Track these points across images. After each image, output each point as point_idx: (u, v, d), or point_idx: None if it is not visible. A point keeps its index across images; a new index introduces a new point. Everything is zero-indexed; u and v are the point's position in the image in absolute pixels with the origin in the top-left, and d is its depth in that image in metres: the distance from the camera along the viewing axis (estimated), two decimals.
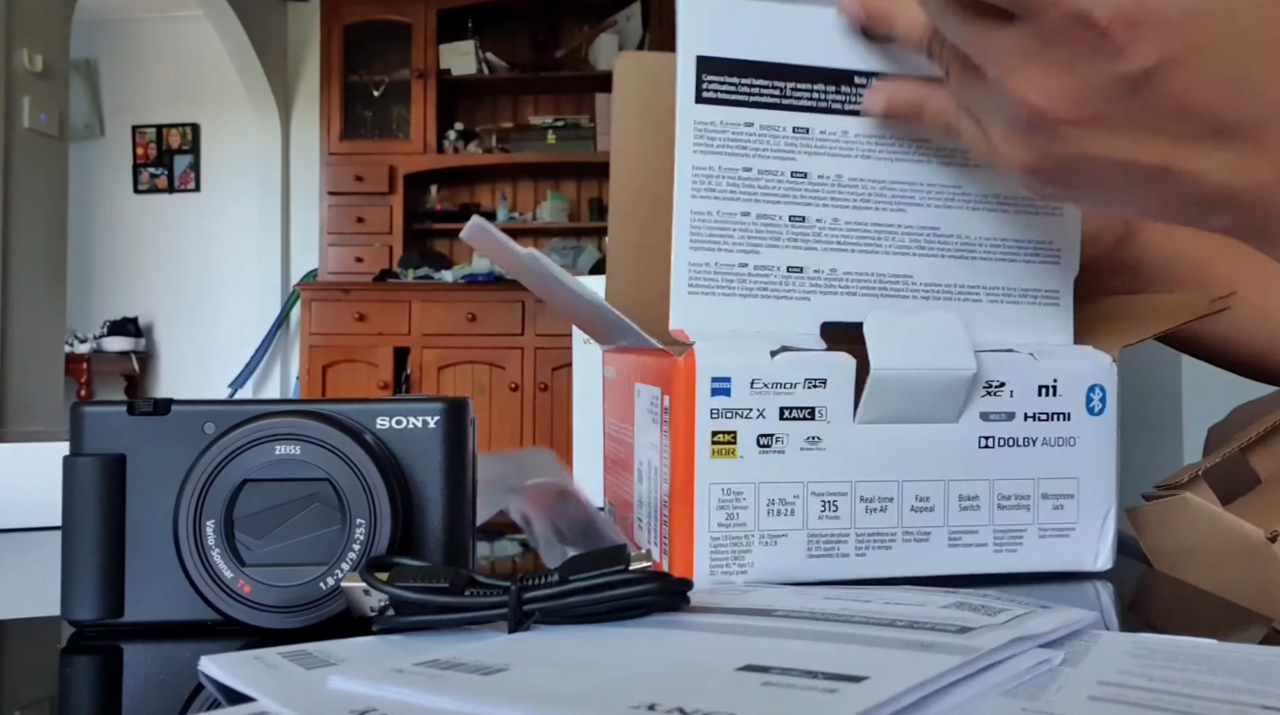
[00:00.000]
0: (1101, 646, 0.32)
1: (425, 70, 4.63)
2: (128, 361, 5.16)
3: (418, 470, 0.38)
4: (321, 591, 0.36)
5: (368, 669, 0.28)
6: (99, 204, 5.33)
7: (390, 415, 0.38)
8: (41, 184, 3.37)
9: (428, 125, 4.63)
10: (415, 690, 0.26)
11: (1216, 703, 0.26)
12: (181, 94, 5.32)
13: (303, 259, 5.04)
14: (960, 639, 0.29)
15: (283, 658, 0.31)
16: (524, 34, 4.76)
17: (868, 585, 0.41)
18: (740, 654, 0.28)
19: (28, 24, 3.30)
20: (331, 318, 4.39)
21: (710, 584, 0.42)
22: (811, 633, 0.31)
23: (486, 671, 0.27)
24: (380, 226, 4.66)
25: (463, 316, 4.30)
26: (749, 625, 0.33)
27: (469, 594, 0.33)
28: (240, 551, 0.36)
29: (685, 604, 0.35)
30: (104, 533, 0.37)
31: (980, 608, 0.34)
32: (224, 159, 5.29)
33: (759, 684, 0.25)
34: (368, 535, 0.36)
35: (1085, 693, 0.27)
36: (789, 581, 0.42)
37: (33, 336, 3.33)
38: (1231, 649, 0.32)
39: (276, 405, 0.38)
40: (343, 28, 4.70)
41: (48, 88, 3.39)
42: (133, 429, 0.37)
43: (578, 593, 0.33)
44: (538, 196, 4.83)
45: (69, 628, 0.38)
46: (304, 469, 0.36)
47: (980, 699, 0.27)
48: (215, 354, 5.15)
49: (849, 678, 0.25)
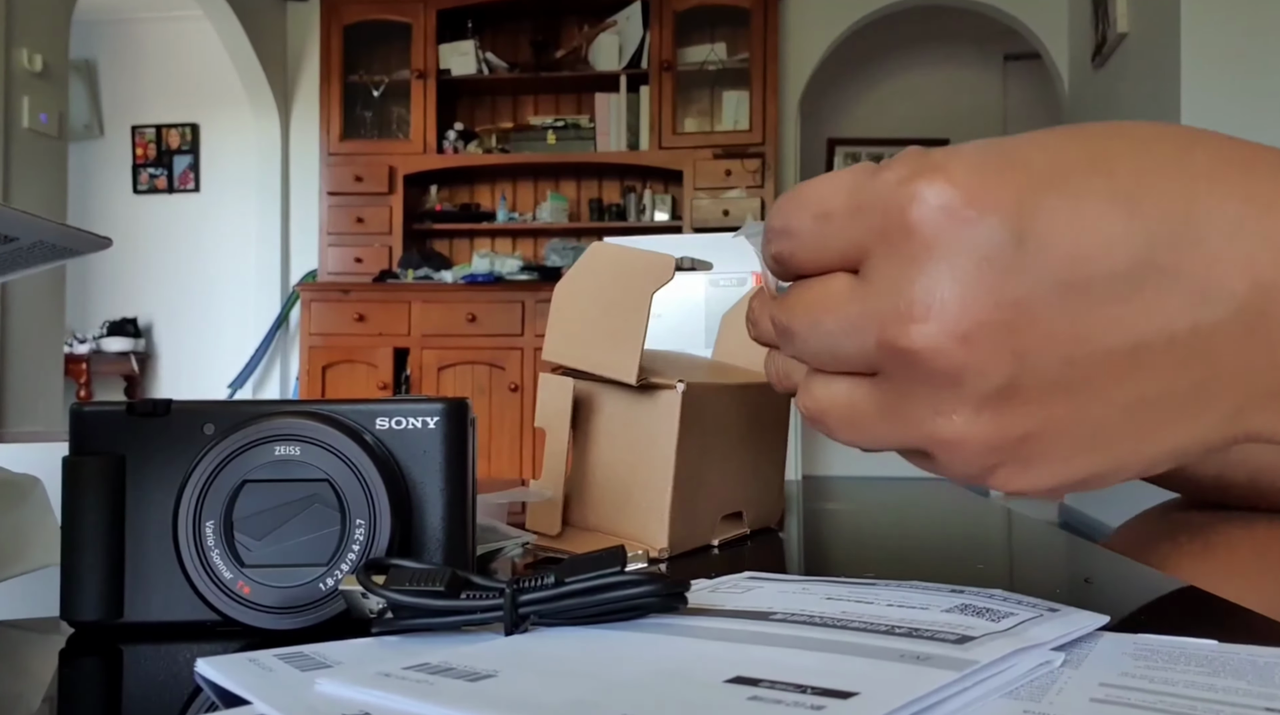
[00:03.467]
0: (1103, 647, 0.32)
1: (425, 70, 4.63)
2: (127, 362, 5.16)
3: (417, 471, 0.38)
4: (321, 592, 0.36)
5: (355, 672, 0.28)
6: (98, 204, 5.34)
7: (390, 416, 0.38)
8: (41, 184, 3.37)
9: (428, 125, 4.63)
10: (399, 695, 0.26)
11: (1219, 704, 0.26)
12: (181, 94, 5.32)
13: (302, 259, 5.04)
14: (959, 650, 0.29)
15: (278, 660, 0.31)
16: (524, 34, 4.76)
17: (872, 582, 0.41)
18: (731, 663, 0.28)
19: (27, 24, 3.30)
20: (331, 318, 4.39)
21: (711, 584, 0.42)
22: (807, 640, 0.31)
23: (474, 677, 0.27)
24: (380, 227, 4.66)
25: (462, 317, 4.30)
26: (745, 630, 0.33)
27: (465, 596, 0.33)
28: (240, 552, 0.36)
29: (683, 605, 0.35)
30: (103, 533, 0.37)
31: (985, 611, 0.34)
32: (224, 159, 5.29)
33: (745, 698, 0.25)
34: (367, 536, 0.36)
35: (1087, 694, 0.27)
36: None
37: (32, 337, 3.33)
38: (1234, 650, 0.32)
39: (276, 406, 0.37)
40: (343, 28, 4.70)
41: (47, 88, 3.39)
42: (132, 429, 0.37)
43: (573, 595, 0.33)
44: (538, 196, 4.83)
45: (68, 628, 0.38)
46: (303, 470, 0.36)
47: (980, 701, 0.27)
48: (215, 354, 5.15)
49: (838, 693, 0.25)
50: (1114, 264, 0.26)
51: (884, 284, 0.28)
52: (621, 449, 0.57)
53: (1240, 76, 3.10)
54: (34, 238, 0.42)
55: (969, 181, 0.27)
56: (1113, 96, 3.94)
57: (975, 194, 0.27)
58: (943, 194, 0.27)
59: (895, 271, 0.27)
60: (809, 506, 0.86)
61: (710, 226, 4.32)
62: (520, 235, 4.84)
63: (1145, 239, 0.26)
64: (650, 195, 4.66)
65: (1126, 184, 0.26)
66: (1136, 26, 3.66)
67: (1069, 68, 4.61)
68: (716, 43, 4.60)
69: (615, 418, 0.58)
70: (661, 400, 0.56)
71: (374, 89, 4.72)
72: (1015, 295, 0.26)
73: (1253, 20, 3.10)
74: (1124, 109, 3.76)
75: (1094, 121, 0.29)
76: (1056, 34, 4.63)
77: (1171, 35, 3.22)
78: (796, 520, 0.77)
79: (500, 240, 4.86)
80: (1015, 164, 0.27)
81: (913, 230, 0.27)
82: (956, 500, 0.90)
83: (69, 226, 0.43)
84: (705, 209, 4.45)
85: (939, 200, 0.27)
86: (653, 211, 4.62)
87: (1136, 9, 3.66)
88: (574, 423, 0.58)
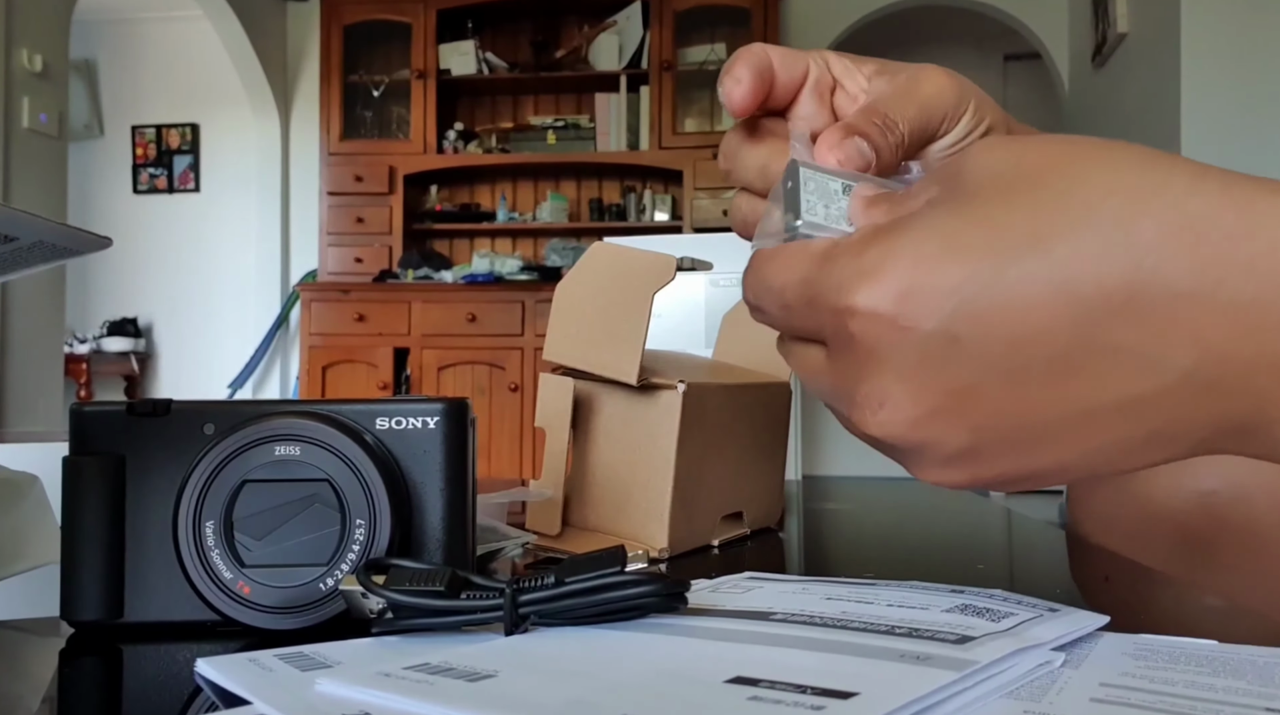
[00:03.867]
0: (1103, 647, 0.32)
1: (425, 70, 4.63)
2: (127, 362, 5.16)
3: (417, 471, 0.38)
4: (321, 592, 0.36)
5: (356, 672, 0.28)
6: (98, 204, 5.33)
7: (390, 416, 0.38)
8: (41, 184, 3.37)
9: (427, 125, 4.63)
10: (400, 695, 0.26)
11: (1219, 704, 0.26)
12: (181, 94, 5.32)
13: (302, 259, 5.04)
14: (958, 650, 0.29)
15: (278, 660, 0.31)
16: (524, 34, 4.76)
17: (872, 582, 0.41)
18: (731, 663, 0.28)
19: (27, 24, 3.30)
20: (331, 318, 4.39)
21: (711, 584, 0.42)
22: (807, 640, 0.31)
23: (474, 677, 0.27)
24: (380, 227, 4.66)
25: (462, 317, 4.29)
26: (745, 631, 0.33)
27: (465, 596, 0.33)
28: (240, 552, 0.36)
29: (683, 605, 0.35)
30: (104, 533, 0.37)
31: (985, 611, 0.34)
32: (224, 159, 5.29)
33: (745, 698, 0.25)
34: (367, 536, 0.36)
35: (1087, 694, 0.27)
36: None
37: (32, 337, 3.33)
38: (1234, 650, 0.32)
39: (276, 406, 0.37)
40: (343, 28, 4.70)
41: (47, 88, 3.39)
42: (132, 429, 0.37)
43: (573, 595, 0.33)
44: (538, 196, 4.83)
45: (68, 628, 0.38)
46: (304, 470, 0.36)
47: (980, 701, 0.27)
48: (215, 354, 5.15)
49: (838, 694, 0.25)
50: (1052, 348, 0.27)
51: (843, 374, 0.30)
52: (621, 449, 0.57)
53: (1240, 76, 3.10)
54: (34, 238, 0.42)
55: (905, 287, 0.28)
56: (1113, 96, 3.94)
57: (911, 303, 0.28)
58: (881, 303, 0.28)
59: (849, 368, 0.30)
60: (809, 506, 0.86)
61: (710, 226, 4.32)
62: (520, 235, 4.84)
63: (1085, 319, 0.26)
64: (650, 195, 4.66)
65: (1065, 267, 0.26)
66: (1136, 26, 3.66)
67: (1069, 68, 4.61)
68: (716, 43, 4.60)
69: (615, 418, 0.58)
70: (662, 400, 0.56)
71: (374, 89, 4.72)
72: (960, 384, 0.28)
73: (1253, 20, 3.10)
74: (1124, 109, 3.76)
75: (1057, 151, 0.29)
76: (1056, 34, 4.63)
77: (1171, 35, 3.21)
78: (796, 520, 0.77)
79: (500, 240, 4.86)
80: (954, 252, 0.28)
81: (855, 339, 0.29)
82: (956, 500, 0.90)
83: (69, 226, 0.43)
84: (705, 209, 4.45)
85: (876, 310, 0.28)
86: (653, 211, 4.62)
87: (1136, 9, 3.66)
88: (574, 423, 0.58)
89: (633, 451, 0.57)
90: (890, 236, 0.29)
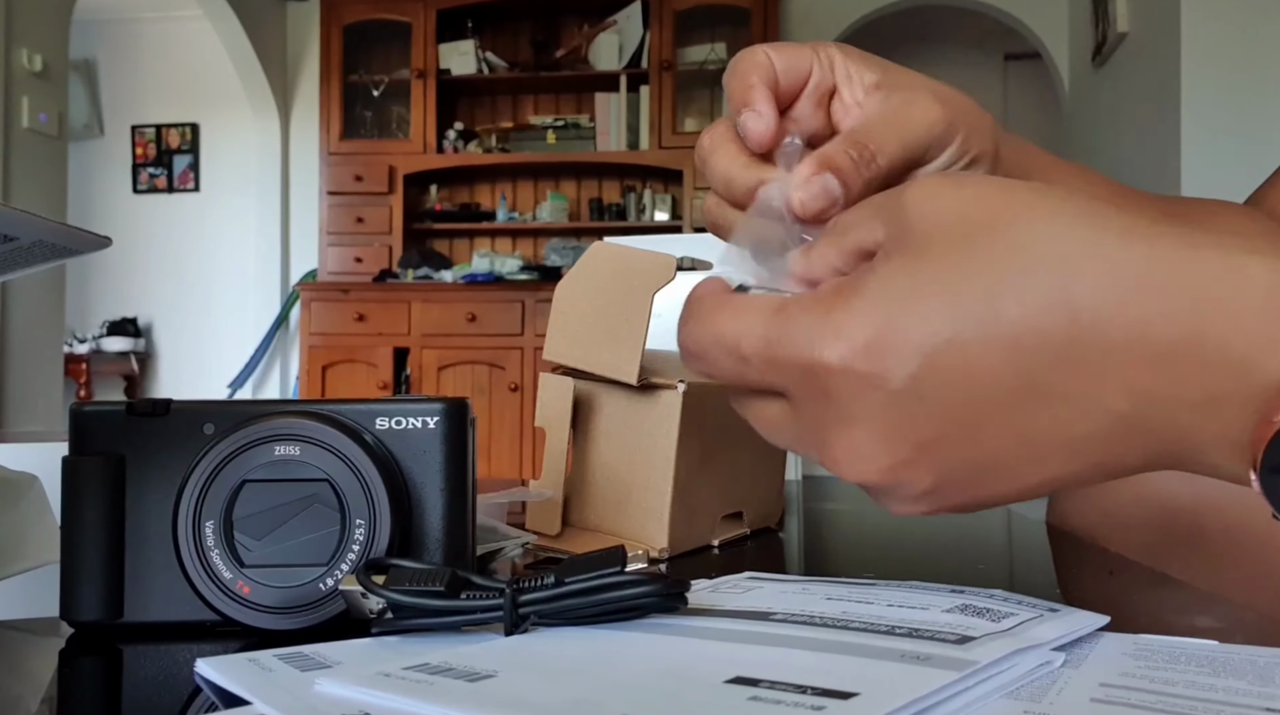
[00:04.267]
0: (1103, 647, 0.32)
1: (425, 70, 4.63)
2: (127, 362, 5.16)
3: (417, 471, 0.38)
4: (321, 592, 0.36)
5: (355, 672, 0.28)
6: (98, 204, 5.33)
7: (390, 416, 0.38)
8: (41, 184, 3.37)
9: (427, 125, 4.63)
10: (400, 695, 0.26)
11: (1219, 704, 0.26)
12: (181, 94, 5.32)
13: (302, 259, 5.04)
14: (959, 650, 0.29)
15: (278, 660, 0.31)
16: (524, 34, 4.76)
17: (872, 582, 0.41)
18: (731, 663, 0.28)
19: (27, 24, 3.30)
20: (331, 318, 4.39)
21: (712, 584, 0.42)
22: (808, 640, 0.31)
23: (473, 678, 0.27)
24: (380, 226, 4.66)
25: (462, 317, 4.29)
26: (745, 631, 0.33)
27: (465, 596, 0.33)
28: (239, 552, 0.36)
29: (683, 605, 0.35)
30: (103, 533, 0.37)
31: (985, 611, 0.34)
32: (223, 159, 5.29)
33: (745, 698, 0.25)
34: (367, 536, 0.36)
35: (1087, 694, 0.27)
36: None
37: (32, 336, 3.33)
38: (1234, 650, 0.32)
39: (276, 406, 0.37)
40: (342, 28, 4.70)
41: (47, 88, 3.39)
42: (132, 429, 0.37)
43: (573, 595, 0.33)
44: (538, 196, 4.83)
45: (68, 628, 0.38)
46: (303, 469, 0.36)
47: (981, 701, 0.27)
48: (215, 354, 5.15)
49: (838, 694, 0.25)
50: (1003, 396, 0.30)
51: (811, 426, 0.33)
52: (621, 449, 0.57)
53: (1240, 76, 3.10)
54: (34, 237, 0.42)
55: (873, 345, 0.30)
56: (1113, 96, 3.94)
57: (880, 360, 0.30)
58: (854, 360, 0.30)
59: (818, 420, 0.32)
60: (809, 506, 0.86)
61: None
62: (520, 235, 4.84)
63: (1028, 368, 0.29)
64: (650, 195, 4.66)
65: (1013, 326, 0.29)
66: (1136, 26, 3.66)
67: (1069, 67, 4.61)
68: (716, 42, 4.60)
69: (615, 418, 0.58)
70: (662, 400, 0.56)
71: (374, 89, 4.72)
72: (925, 436, 0.31)
73: (1253, 20, 3.10)
74: (1124, 108, 3.76)
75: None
76: (1056, 34, 4.63)
77: (1171, 35, 3.21)
78: (796, 520, 0.77)
79: (500, 240, 4.86)
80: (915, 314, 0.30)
81: (827, 394, 0.31)
82: None
83: (69, 226, 0.43)
84: None
85: (850, 367, 0.30)
86: (653, 211, 4.62)
87: (1136, 9, 3.66)
88: (574, 423, 0.58)
89: (633, 451, 0.57)
90: (855, 295, 0.31)
